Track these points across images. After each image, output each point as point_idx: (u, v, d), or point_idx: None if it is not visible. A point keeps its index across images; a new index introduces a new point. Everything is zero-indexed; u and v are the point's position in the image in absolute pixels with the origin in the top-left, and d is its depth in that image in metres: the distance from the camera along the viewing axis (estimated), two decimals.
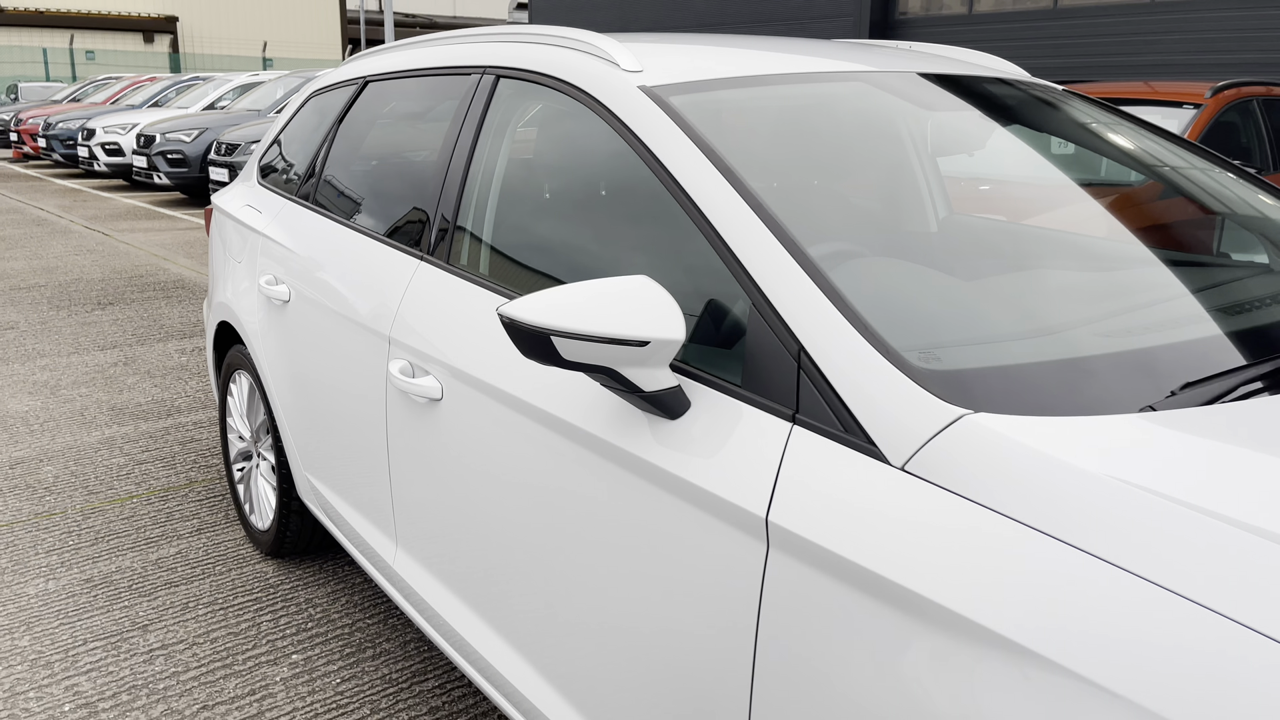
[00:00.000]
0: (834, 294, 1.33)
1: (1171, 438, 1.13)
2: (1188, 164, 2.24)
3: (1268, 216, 2.10)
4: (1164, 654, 0.91)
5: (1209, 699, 0.87)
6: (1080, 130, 2.24)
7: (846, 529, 1.17)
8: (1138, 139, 2.25)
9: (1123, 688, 0.92)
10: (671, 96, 1.72)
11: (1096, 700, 0.93)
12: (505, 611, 1.80)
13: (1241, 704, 0.86)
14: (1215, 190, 2.18)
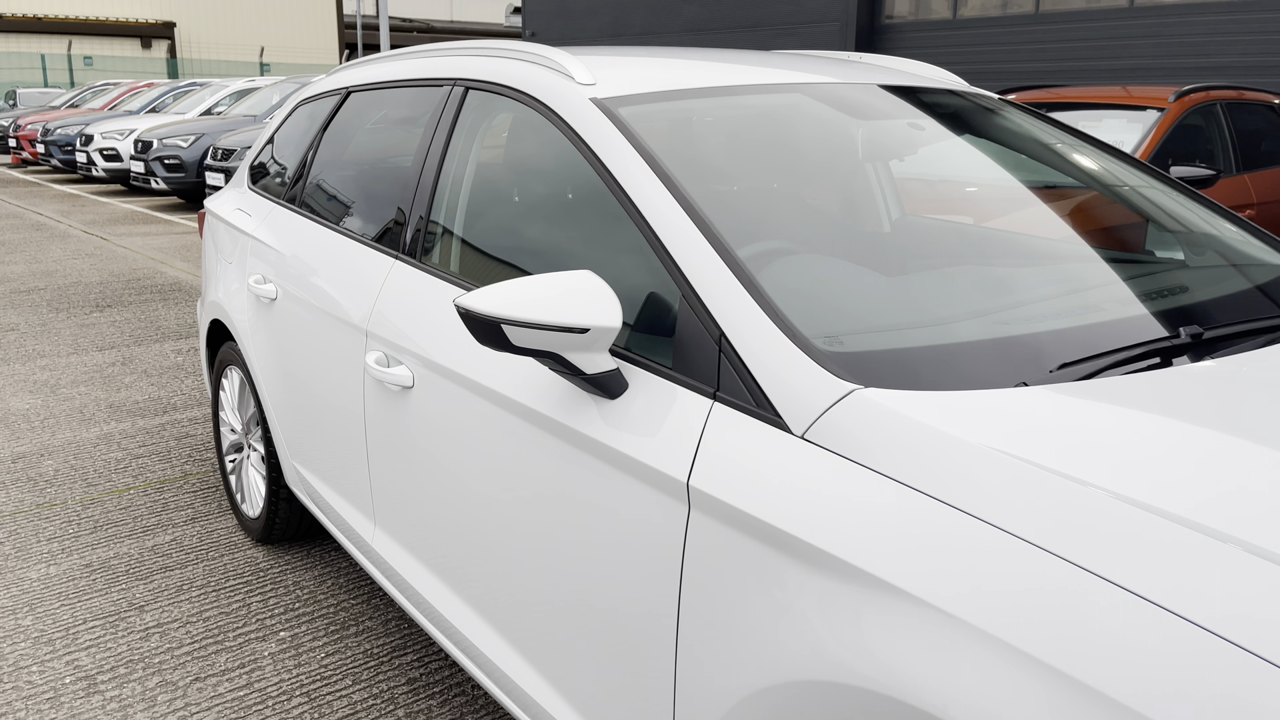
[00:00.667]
0: (752, 287, 1.50)
1: (1034, 408, 1.30)
2: (1115, 169, 2.41)
3: (1185, 219, 2.27)
4: (1016, 591, 1.07)
5: (1056, 628, 1.03)
6: (1014, 136, 2.40)
7: (753, 490, 1.33)
8: (1068, 145, 2.41)
9: (982, 621, 1.07)
10: (620, 108, 1.89)
11: (963, 633, 1.08)
12: (470, 579, 1.96)
13: (1077, 629, 1.02)
14: (1140, 193, 2.34)
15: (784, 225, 1.81)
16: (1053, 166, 2.37)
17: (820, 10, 12.82)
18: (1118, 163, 2.40)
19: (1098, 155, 2.40)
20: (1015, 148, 2.39)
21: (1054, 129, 2.47)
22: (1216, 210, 2.32)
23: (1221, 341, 1.59)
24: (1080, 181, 2.35)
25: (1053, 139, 2.41)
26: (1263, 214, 5.46)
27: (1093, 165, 2.38)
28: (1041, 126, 2.45)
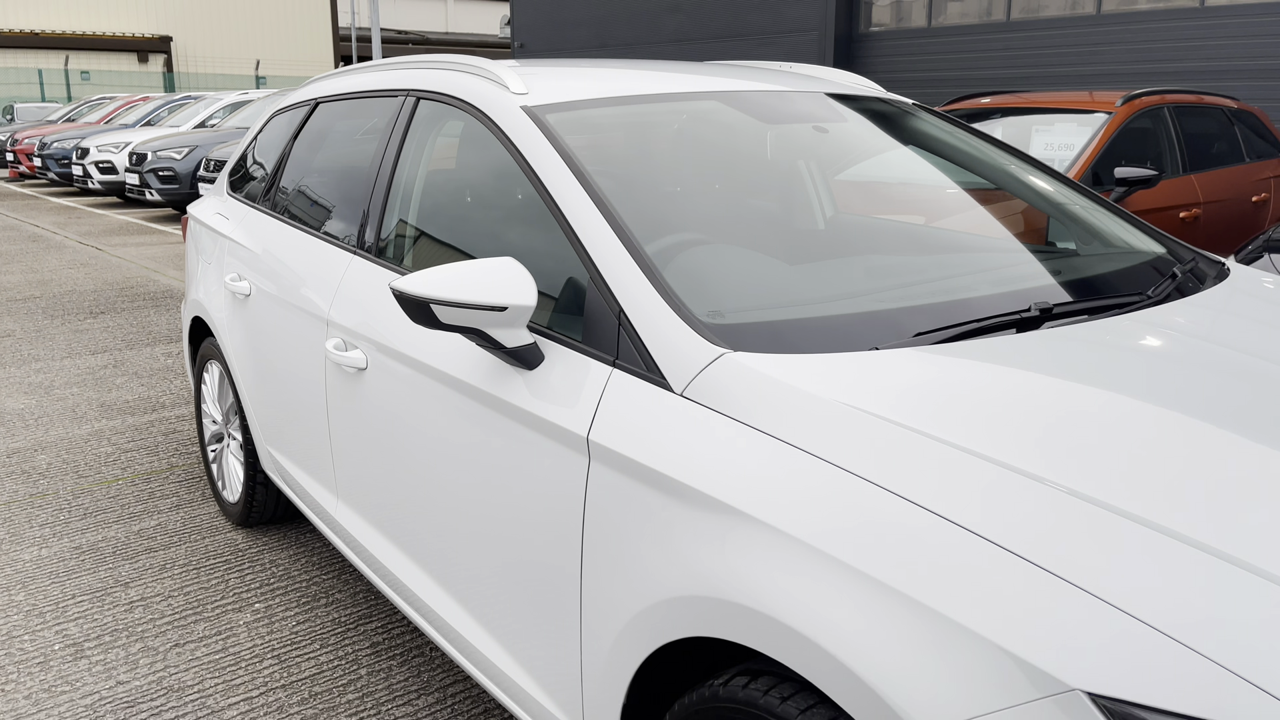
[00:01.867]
0: (648, 270, 1.71)
1: (876, 367, 1.51)
2: (1021, 170, 2.62)
3: (1077, 215, 2.48)
4: (848, 517, 1.28)
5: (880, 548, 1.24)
6: (926, 138, 2.62)
7: (639, 441, 1.54)
8: (977, 148, 2.63)
9: (823, 544, 1.27)
10: (548, 115, 2.10)
11: (806, 553, 1.28)
12: (416, 539, 2.17)
13: (896, 548, 1.23)
14: (1040, 192, 2.56)
15: (693, 219, 2.03)
16: (962, 166, 2.59)
17: (799, 20, 13.07)
18: (1023, 164, 2.62)
19: (1005, 157, 2.62)
20: (928, 149, 2.60)
21: (964, 133, 2.69)
22: (1106, 206, 2.53)
23: (1069, 316, 1.80)
24: (987, 180, 2.57)
25: (962, 142, 2.63)
26: (1209, 213, 5.68)
27: (999, 166, 2.60)
28: (952, 131, 2.67)
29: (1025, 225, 2.49)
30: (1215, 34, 9.79)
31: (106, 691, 2.51)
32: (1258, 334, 1.80)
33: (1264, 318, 1.91)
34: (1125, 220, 2.48)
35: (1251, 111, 6.58)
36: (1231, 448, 1.35)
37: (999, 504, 1.22)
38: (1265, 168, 6.30)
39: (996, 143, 2.69)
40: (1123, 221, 2.47)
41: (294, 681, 2.55)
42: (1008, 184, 2.52)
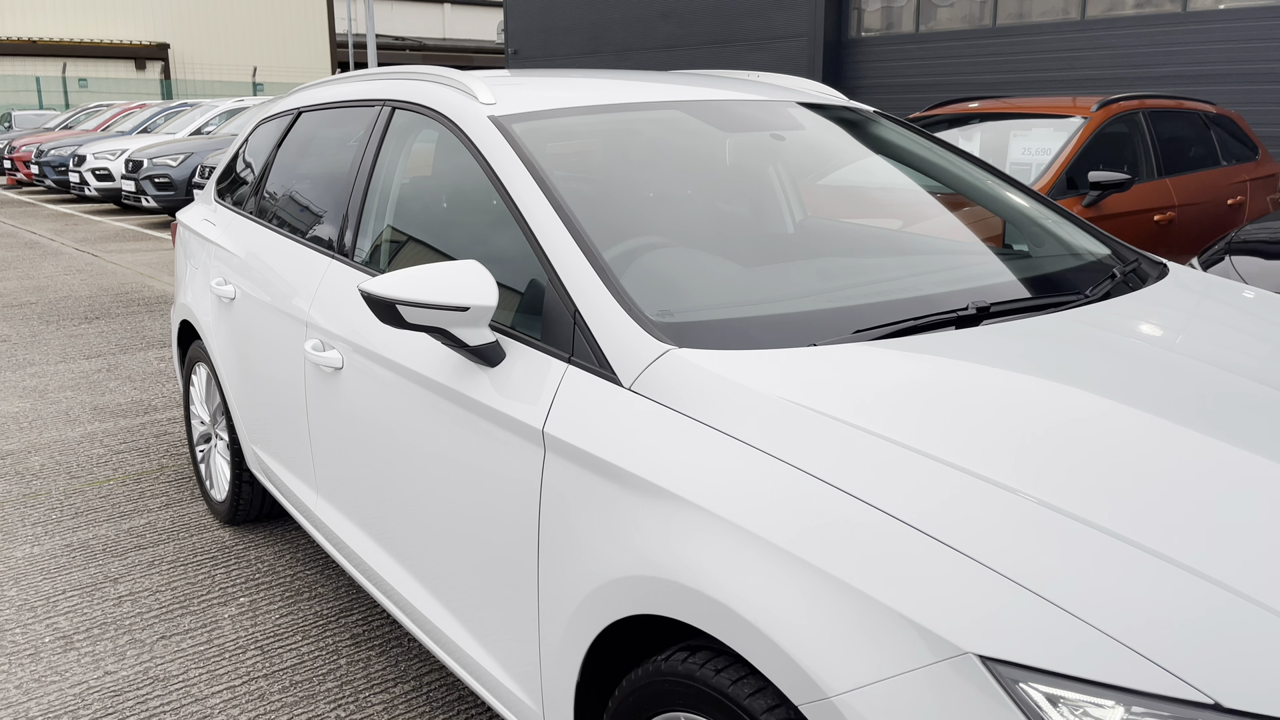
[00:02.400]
0: (602, 272, 1.81)
1: (811, 362, 1.61)
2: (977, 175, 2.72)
3: (1029, 217, 2.58)
4: (778, 501, 1.37)
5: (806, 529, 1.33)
6: (886, 145, 2.71)
7: (589, 432, 1.64)
8: (937, 153, 2.73)
9: (755, 526, 1.36)
10: (514, 124, 2.20)
11: (740, 536, 1.37)
12: (388, 530, 2.27)
13: (820, 529, 1.32)
14: (995, 195, 2.65)
15: (652, 223, 2.12)
16: (921, 172, 2.68)
17: (789, 26, 13.20)
18: (979, 171, 2.71)
19: (962, 164, 2.71)
20: (888, 156, 2.70)
21: (923, 140, 2.79)
22: (1056, 210, 2.63)
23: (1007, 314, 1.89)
24: (945, 185, 2.66)
25: (921, 149, 2.72)
26: (1183, 215, 5.78)
27: (956, 172, 2.69)
28: (912, 138, 2.77)
29: (978, 228, 2.58)
30: (1197, 39, 9.91)
31: (94, 681, 2.59)
32: (1180, 330, 1.90)
33: (1190, 316, 2.01)
34: (1074, 224, 2.57)
35: (1229, 115, 6.68)
36: (1133, 431, 1.45)
37: (908, 486, 1.32)
38: (1241, 171, 6.40)
39: (954, 149, 2.79)
40: (1071, 225, 2.56)
41: (275, 671, 2.64)
42: (964, 189, 2.61)
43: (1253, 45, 9.62)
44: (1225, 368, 1.71)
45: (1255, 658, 1.09)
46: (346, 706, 2.48)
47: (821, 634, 1.25)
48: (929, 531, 1.25)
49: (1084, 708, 1.10)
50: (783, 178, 2.72)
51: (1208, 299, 2.15)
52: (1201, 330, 1.91)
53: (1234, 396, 1.60)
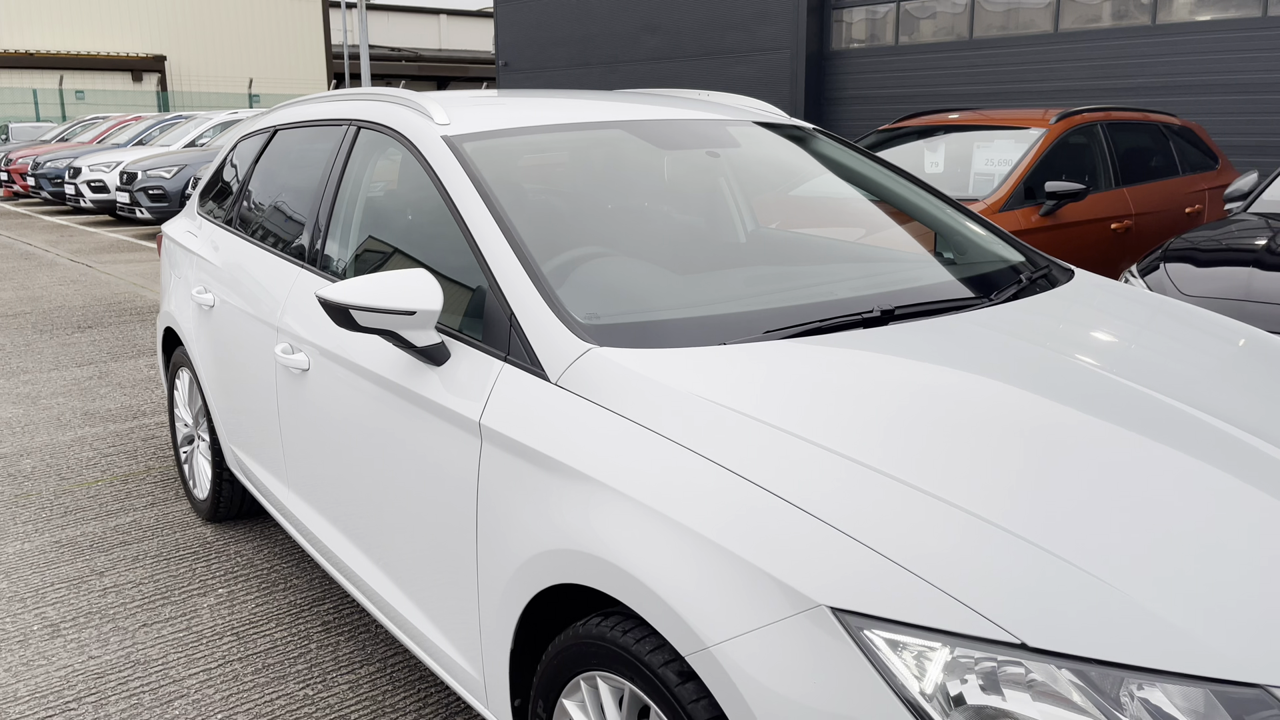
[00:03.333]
0: (537, 280, 1.99)
1: (718, 360, 1.79)
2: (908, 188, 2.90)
3: (954, 227, 2.77)
4: (681, 483, 1.55)
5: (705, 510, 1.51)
6: (820, 159, 2.90)
7: (519, 422, 1.82)
8: (869, 167, 2.92)
9: (663, 507, 1.53)
10: (465, 143, 2.38)
11: (649, 515, 1.55)
12: (349, 517, 2.44)
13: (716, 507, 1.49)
14: (923, 207, 2.84)
15: (591, 235, 2.31)
16: (854, 185, 2.87)
17: (773, 39, 13.43)
18: (909, 185, 2.90)
19: (893, 178, 2.90)
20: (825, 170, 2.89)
21: (859, 156, 2.97)
22: (977, 220, 2.82)
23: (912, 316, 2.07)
24: (877, 197, 2.85)
25: (857, 163, 2.91)
26: (1140, 224, 5.97)
27: (888, 186, 2.88)
28: (849, 153, 2.96)
29: (906, 238, 2.77)
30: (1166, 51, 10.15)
31: (79, 665, 2.77)
32: (1061, 329, 2.08)
33: (1076, 317, 2.19)
34: (993, 233, 2.76)
35: (1189, 127, 6.88)
36: (989, 416, 1.63)
37: (782, 465, 1.50)
38: (1200, 180, 6.60)
39: (886, 164, 2.98)
40: (990, 234, 2.75)
41: (250, 655, 2.81)
42: (895, 201, 2.80)
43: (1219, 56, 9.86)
44: (1091, 361, 1.89)
45: (1057, 605, 1.28)
46: (315, 686, 2.65)
47: (704, 594, 1.43)
48: (795, 503, 1.43)
49: (918, 650, 1.28)
50: (725, 191, 2.91)
51: (1097, 302, 2.33)
52: (1080, 329, 2.10)
53: (1086, 385, 1.79)
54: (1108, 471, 1.52)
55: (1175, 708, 1.25)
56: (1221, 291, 3.57)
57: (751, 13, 13.75)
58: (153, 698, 2.61)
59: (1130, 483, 1.50)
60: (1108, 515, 1.43)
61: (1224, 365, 2.03)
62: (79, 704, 2.59)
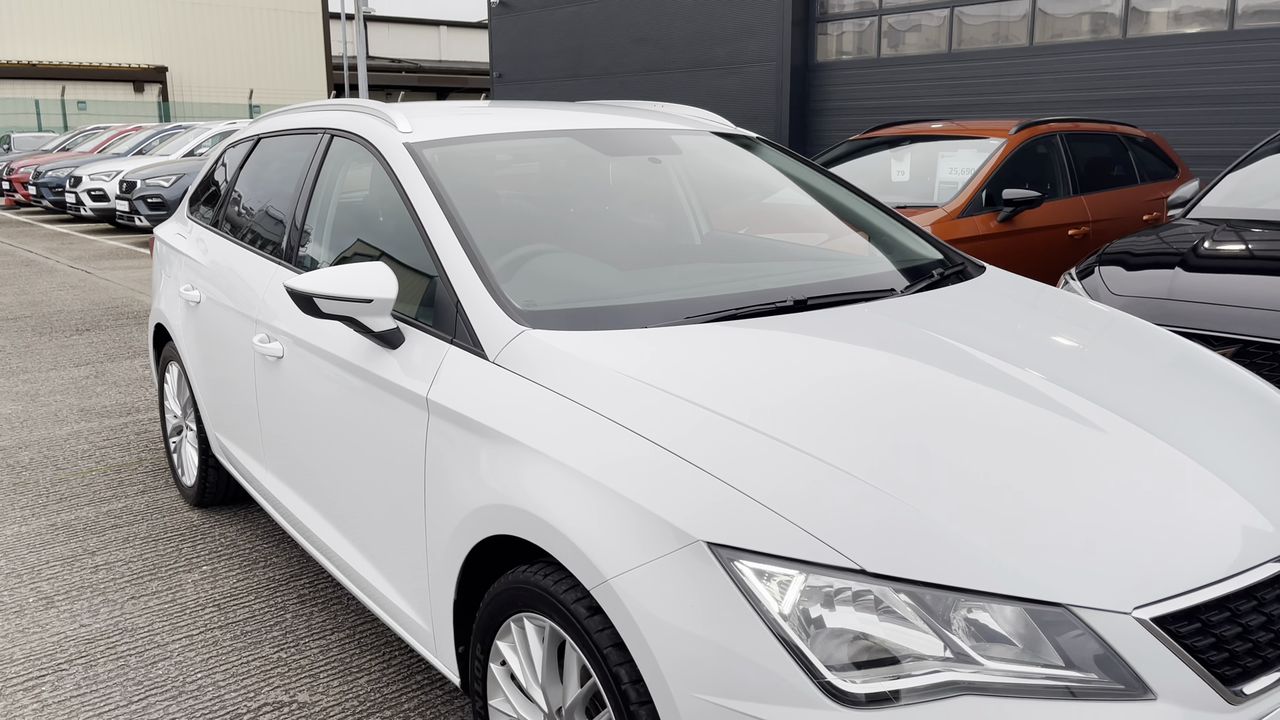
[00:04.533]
0: (481, 270, 2.22)
1: (638, 341, 2.02)
2: (842, 192, 3.14)
3: (882, 228, 3.00)
4: (600, 447, 1.77)
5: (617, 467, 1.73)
6: (761, 165, 3.13)
7: (460, 396, 2.05)
8: (806, 172, 3.15)
9: (583, 466, 1.74)
10: (424, 149, 2.62)
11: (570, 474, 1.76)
12: (318, 490, 2.67)
13: (626, 465, 1.72)
14: (856, 210, 3.07)
15: (539, 233, 2.54)
16: (791, 189, 3.10)
17: (759, 52, 13.72)
18: (842, 189, 3.14)
19: (828, 183, 3.14)
20: (763, 176, 3.12)
21: (797, 163, 3.21)
22: (903, 222, 3.05)
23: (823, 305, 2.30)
24: (813, 199, 3.09)
25: (794, 169, 3.15)
26: (1097, 230, 6.20)
27: (822, 189, 3.12)
28: (785, 159, 3.19)
29: (837, 237, 3.00)
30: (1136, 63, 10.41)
31: (71, 632, 2.99)
32: (946, 316, 2.30)
33: (963, 306, 2.42)
34: (917, 233, 2.99)
35: (1150, 137, 7.13)
36: (863, 386, 1.86)
37: (676, 425, 1.73)
38: (1159, 189, 6.83)
39: (822, 170, 3.21)
40: (914, 234, 2.98)
41: (229, 624, 3.03)
42: (830, 204, 3.03)
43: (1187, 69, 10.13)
44: (957, 339, 2.11)
45: (893, 537, 1.50)
46: (288, 650, 2.87)
47: (604, 534, 1.66)
48: (682, 455, 1.66)
49: (780, 577, 1.51)
50: (666, 193, 3.14)
51: (987, 295, 2.56)
52: (960, 315, 2.32)
53: (946, 358, 2.01)
54: (947, 427, 1.75)
55: (998, 625, 1.48)
56: (1146, 291, 3.80)
57: (738, 26, 14.04)
58: (138, 660, 2.83)
59: (965, 436, 1.73)
60: (942, 462, 1.66)
61: (1078, 342, 2.25)
62: (70, 665, 2.81)
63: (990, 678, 1.45)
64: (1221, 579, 1.55)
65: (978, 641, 1.48)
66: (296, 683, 2.71)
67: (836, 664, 1.47)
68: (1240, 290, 3.60)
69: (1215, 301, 3.58)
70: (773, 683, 1.48)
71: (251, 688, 2.69)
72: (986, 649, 1.47)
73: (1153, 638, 1.47)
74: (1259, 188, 4.70)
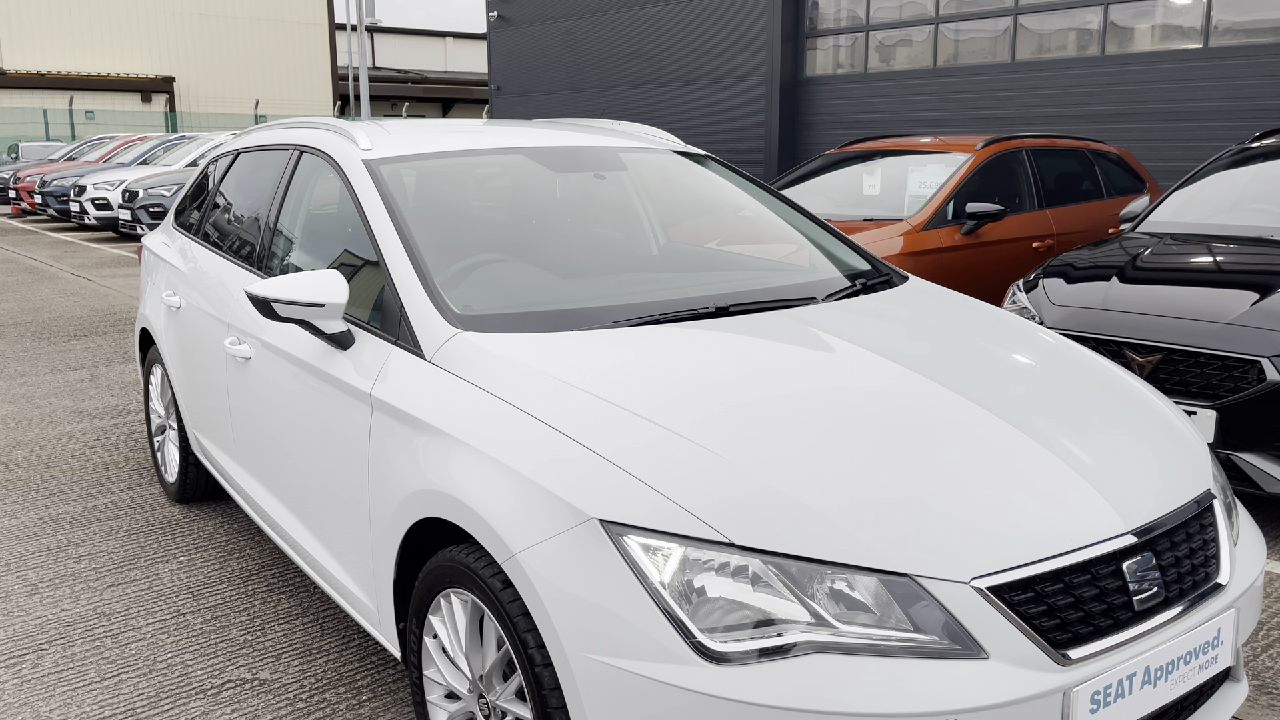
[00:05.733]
0: (424, 279, 2.41)
1: (561, 344, 2.21)
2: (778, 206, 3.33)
3: (816, 239, 3.19)
4: (516, 436, 1.96)
5: (511, 448, 1.92)
6: (707, 180, 3.33)
7: (399, 392, 2.24)
8: (746, 188, 3.34)
9: (501, 455, 1.94)
10: (381, 166, 2.81)
11: (489, 461, 1.95)
12: (281, 482, 2.86)
13: (534, 452, 1.91)
14: (796, 224, 3.26)
15: (488, 244, 2.73)
16: (728, 204, 3.30)
17: (749, 67, 13.97)
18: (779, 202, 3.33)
19: (766, 196, 3.33)
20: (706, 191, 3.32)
21: (738, 178, 3.40)
22: (834, 234, 3.24)
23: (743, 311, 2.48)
24: (753, 213, 3.28)
25: (737, 184, 3.34)
26: (1062, 243, 6.39)
27: (760, 202, 3.31)
28: (729, 174, 3.39)
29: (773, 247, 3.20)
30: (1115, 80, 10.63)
31: (52, 615, 3.18)
32: (850, 320, 2.49)
33: (870, 312, 2.60)
34: (847, 245, 3.18)
35: (1117, 153, 7.32)
36: (755, 381, 2.04)
37: (581, 417, 1.92)
38: (1126, 203, 7.01)
39: (766, 187, 3.41)
40: (845, 246, 3.17)
41: (201, 609, 3.22)
42: (768, 217, 3.23)
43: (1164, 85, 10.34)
44: (863, 344, 2.30)
45: (760, 514, 1.69)
46: (254, 633, 3.06)
47: (514, 514, 1.85)
48: (583, 442, 1.85)
49: (661, 550, 1.70)
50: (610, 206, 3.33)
51: (897, 302, 2.74)
52: (864, 319, 2.51)
53: (838, 355, 2.20)
54: (822, 417, 1.94)
55: (857, 594, 1.66)
56: (1083, 302, 3.98)
57: (730, 41, 14.29)
58: (114, 641, 3.02)
59: (838, 425, 1.92)
60: (811, 448, 1.84)
61: (962, 343, 2.43)
62: (49, 645, 3.00)
63: (844, 639, 1.64)
64: (1058, 554, 1.74)
65: (841, 609, 1.66)
66: (260, 662, 2.90)
67: (708, 627, 1.65)
68: (1168, 301, 3.78)
69: (1144, 311, 3.77)
70: (652, 643, 1.66)
71: (217, 666, 2.88)
72: (849, 615, 1.66)
73: (988, 605, 1.66)
74: (1204, 203, 4.89)
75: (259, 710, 2.66)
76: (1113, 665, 1.72)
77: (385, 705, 2.68)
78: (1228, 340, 3.49)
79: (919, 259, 5.67)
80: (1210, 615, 1.88)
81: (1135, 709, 1.76)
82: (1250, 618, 2.04)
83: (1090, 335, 3.82)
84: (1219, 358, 3.50)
